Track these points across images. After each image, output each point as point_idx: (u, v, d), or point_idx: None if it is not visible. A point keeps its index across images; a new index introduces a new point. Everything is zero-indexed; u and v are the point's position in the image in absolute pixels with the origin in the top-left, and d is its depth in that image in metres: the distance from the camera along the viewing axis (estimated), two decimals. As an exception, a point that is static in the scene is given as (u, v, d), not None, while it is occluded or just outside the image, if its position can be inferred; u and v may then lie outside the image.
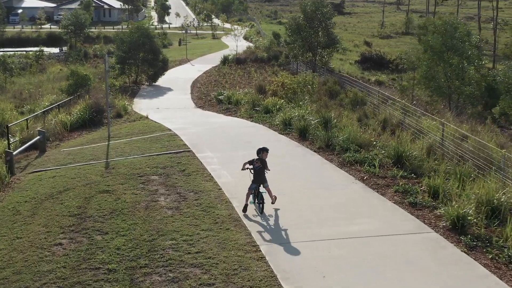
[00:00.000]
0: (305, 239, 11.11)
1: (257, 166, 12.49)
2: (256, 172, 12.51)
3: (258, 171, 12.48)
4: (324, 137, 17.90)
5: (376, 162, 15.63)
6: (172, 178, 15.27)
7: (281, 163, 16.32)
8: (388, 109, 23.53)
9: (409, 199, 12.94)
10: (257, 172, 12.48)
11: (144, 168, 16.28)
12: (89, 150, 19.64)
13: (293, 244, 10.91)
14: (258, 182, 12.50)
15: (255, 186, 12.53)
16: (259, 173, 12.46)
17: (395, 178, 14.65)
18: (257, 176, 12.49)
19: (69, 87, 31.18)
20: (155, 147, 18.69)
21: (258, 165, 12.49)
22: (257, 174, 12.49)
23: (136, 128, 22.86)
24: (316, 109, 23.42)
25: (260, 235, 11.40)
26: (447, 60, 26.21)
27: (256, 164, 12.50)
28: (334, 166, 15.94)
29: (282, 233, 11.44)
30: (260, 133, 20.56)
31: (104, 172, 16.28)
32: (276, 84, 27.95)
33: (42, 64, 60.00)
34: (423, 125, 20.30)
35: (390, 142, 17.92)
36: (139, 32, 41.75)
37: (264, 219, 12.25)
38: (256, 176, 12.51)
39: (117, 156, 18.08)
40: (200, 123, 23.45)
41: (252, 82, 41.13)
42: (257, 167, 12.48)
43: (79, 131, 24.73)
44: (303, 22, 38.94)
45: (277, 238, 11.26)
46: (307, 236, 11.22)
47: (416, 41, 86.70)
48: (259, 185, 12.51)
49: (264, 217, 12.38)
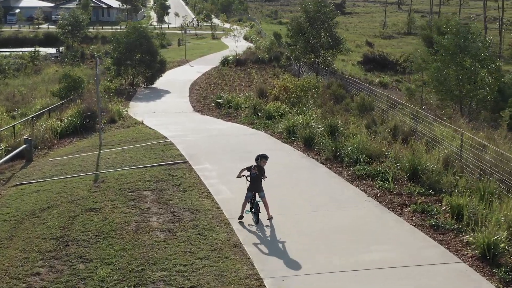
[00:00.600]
0: (314, 270, 9.75)
1: (254, 173, 11.80)
2: (252, 179, 11.82)
3: (254, 178, 11.79)
4: (331, 147, 16.54)
5: (389, 176, 14.26)
6: (166, 194, 13.91)
7: (285, 176, 14.97)
8: (397, 114, 22.17)
9: (430, 221, 11.58)
10: (254, 179, 11.80)
11: (136, 182, 14.92)
12: (78, 160, 18.27)
13: (301, 276, 9.55)
14: (254, 190, 11.83)
15: (251, 194, 11.83)
16: (255, 181, 11.80)
17: (411, 195, 13.28)
18: (253, 184, 11.82)
19: (61, 91, 29.77)
20: (149, 158, 17.33)
21: (254, 172, 11.80)
22: (253, 181, 11.82)
23: (130, 135, 21.49)
24: (321, 115, 22.06)
25: (263, 264, 10.04)
26: (460, 62, 24.83)
27: (253, 170, 11.83)
28: (344, 180, 14.57)
29: (288, 262, 10.08)
30: (262, 141, 19.19)
31: (93, 187, 14.92)
32: (278, 88, 26.57)
33: (37, 65, 58.58)
34: (436, 132, 18.97)
35: (403, 152, 16.56)
36: (136, 33, 40.34)
37: (267, 245, 10.89)
38: (252, 183, 11.83)
39: (107, 168, 16.72)
40: (198, 130, 22.08)
41: (252, 84, 39.76)
42: (253, 174, 11.80)
43: (70, 137, 23.36)
44: (305, 22, 37.52)
45: (282, 268, 9.89)
46: (317, 267, 9.86)
47: (419, 41, 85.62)
48: (255, 194, 11.84)
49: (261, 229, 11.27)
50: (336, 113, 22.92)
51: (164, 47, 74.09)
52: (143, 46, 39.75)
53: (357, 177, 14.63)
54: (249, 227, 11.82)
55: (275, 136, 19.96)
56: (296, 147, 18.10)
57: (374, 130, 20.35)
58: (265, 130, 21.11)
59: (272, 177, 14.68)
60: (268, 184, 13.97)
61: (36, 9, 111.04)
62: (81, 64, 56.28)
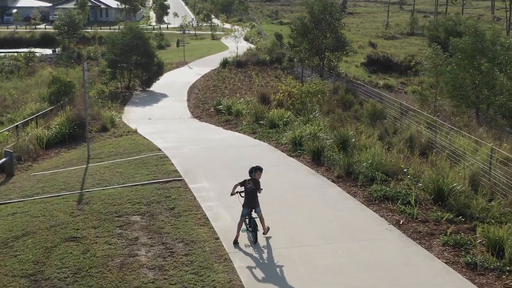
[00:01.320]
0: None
1: (249, 187, 10.83)
2: (248, 194, 10.86)
3: (250, 193, 10.83)
4: (343, 163, 14.83)
5: (412, 199, 12.56)
6: (157, 220, 12.20)
7: (293, 197, 13.27)
8: (412, 123, 20.47)
9: (465, 258, 9.87)
10: (249, 194, 10.83)
11: (124, 204, 13.21)
12: (63, 175, 16.55)
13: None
14: (249, 205, 10.85)
15: (247, 211, 10.88)
16: (251, 195, 10.84)
17: (439, 223, 11.58)
18: (249, 199, 10.85)
19: (51, 95, 28.02)
20: (140, 174, 15.60)
21: (250, 186, 10.83)
22: (248, 197, 10.86)
23: (122, 146, 19.76)
24: (329, 124, 20.37)
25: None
26: (477, 66, 23.11)
27: (248, 185, 10.86)
28: (359, 203, 12.85)
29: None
30: (266, 154, 17.47)
31: (75, 209, 13.21)
32: (282, 93, 24.83)
33: (32, 67, 56.78)
34: (456, 144, 17.26)
35: (423, 168, 14.86)
36: (132, 34, 38.58)
37: (267, 278, 9.20)
38: (248, 199, 10.87)
39: (94, 185, 15.01)
40: (196, 140, 20.35)
41: (253, 87, 38.06)
42: (249, 188, 10.83)
43: (58, 147, 21.63)
44: (309, 23, 35.75)
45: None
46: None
47: (422, 41, 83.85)
48: (251, 210, 10.87)
49: (266, 264, 9.65)
50: (344, 122, 21.22)
51: (163, 48, 72.39)
52: (139, 47, 38.01)
53: (375, 200, 12.92)
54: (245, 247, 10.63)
55: (280, 148, 18.24)
56: (303, 162, 16.39)
57: (388, 141, 18.64)
58: (268, 141, 19.40)
59: (278, 198, 13.03)
60: (273, 207, 12.33)
61: (34, 9, 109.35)
62: (76, 66, 54.48)
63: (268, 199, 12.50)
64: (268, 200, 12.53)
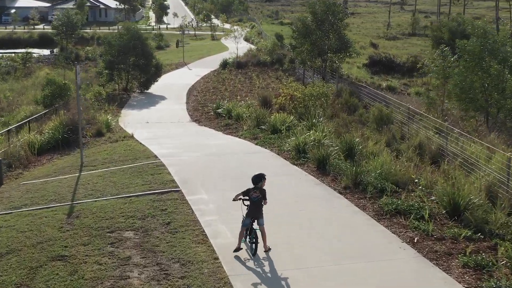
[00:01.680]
0: None
1: (255, 196, 10.16)
2: (253, 203, 10.17)
3: (256, 202, 10.16)
4: (350, 173, 13.95)
5: (425, 214, 11.69)
6: (152, 236, 11.32)
7: (297, 211, 12.40)
8: (420, 129, 19.61)
9: (489, 283, 8.97)
10: (255, 203, 10.15)
11: (116, 218, 12.33)
12: (54, 185, 15.67)
13: None
14: (253, 215, 10.17)
15: (249, 221, 10.21)
16: (256, 205, 10.17)
17: (457, 241, 10.70)
18: (253, 209, 10.17)
19: (45, 98, 27.12)
20: (135, 184, 14.72)
21: (256, 196, 10.16)
22: (253, 206, 10.17)
23: (117, 153, 18.87)
24: (334, 129, 19.49)
25: None
26: (486, 68, 22.22)
27: (254, 194, 10.19)
28: (369, 217, 11.97)
29: None
30: (268, 162, 16.58)
31: (65, 223, 12.34)
32: (284, 97, 23.94)
33: (29, 68, 55.90)
34: (468, 151, 16.41)
35: (436, 178, 13.98)
36: (129, 34, 37.68)
37: None
38: (252, 209, 10.19)
39: (86, 196, 14.13)
40: (194, 146, 19.46)
41: (254, 89, 37.20)
42: (255, 197, 10.15)
43: (50, 154, 20.74)
44: (312, 24, 34.83)
45: None
46: None
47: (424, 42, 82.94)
48: (253, 220, 10.18)
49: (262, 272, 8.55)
50: (350, 127, 20.36)
51: (162, 49, 71.55)
52: (137, 48, 37.11)
53: (385, 214, 12.04)
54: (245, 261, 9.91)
55: (283, 155, 17.35)
56: (307, 170, 15.50)
57: (395, 148, 17.77)
58: (270, 147, 18.51)
59: (281, 212, 12.15)
60: (276, 222, 11.47)
61: (32, 9, 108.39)
62: (73, 67, 53.52)
63: (271, 214, 11.65)
64: (272, 215, 11.67)
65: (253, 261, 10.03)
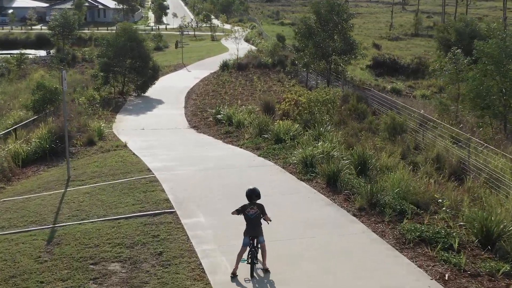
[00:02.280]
0: None
1: (253, 213, 9.35)
2: (250, 220, 9.35)
3: (254, 219, 9.35)
4: (365, 192, 12.47)
5: (455, 243, 10.20)
6: (141, 270, 9.84)
7: (306, 238, 10.91)
8: (436, 138, 18.13)
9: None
10: (253, 220, 9.34)
11: (102, 246, 10.85)
12: (36, 203, 14.19)
13: None
14: (252, 234, 9.33)
15: (249, 240, 9.35)
16: (255, 222, 9.36)
17: (494, 277, 9.23)
18: (252, 227, 9.35)
19: (35, 103, 25.63)
20: (125, 203, 13.23)
21: (254, 212, 9.35)
22: (252, 224, 9.36)
23: (108, 165, 17.37)
24: (343, 139, 18.01)
25: None
26: (505, 72, 20.75)
27: (251, 210, 9.37)
28: (390, 247, 10.48)
29: None
30: (273, 178, 15.08)
31: (44, 251, 10.87)
32: (288, 102, 22.45)
33: (24, 69, 54.37)
34: (492, 165, 14.95)
35: (462, 198, 12.51)
36: (126, 36, 36.16)
37: None
38: (250, 227, 9.37)
39: (69, 218, 12.65)
40: (192, 158, 17.94)
41: (255, 92, 35.73)
42: (252, 214, 9.34)
43: (37, 165, 19.24)
44: (315, 24, 33.30)
45: None
46: None
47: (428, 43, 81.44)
48: (252, 239, 9.37)
49: None
50: (360, 136, 18.89)
51: (161, 50, 70.10)
52: (134, 50, 35.58)
53: (408, 242, 10.55)
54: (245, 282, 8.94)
55: (288, 169, 15.84)
56: (316, 187, 14.01)
57: (411, 161, 16.28)
58: (274, 159, 17.01)
59: (289, 239, 10.68)
60: (284, 252, 10.00)
61: (30, 10, 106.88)
62: (69, 69, 52.08)
63: (279, 242, 10.29)
64: (279, 244, 10.28)
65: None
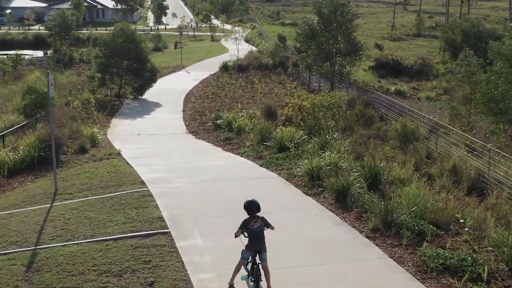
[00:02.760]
0: None
1: (257, 227, 8.80)
2: (255, 235, 8.77)
3: (258, 233, 8.80)
4: (379, 210, 11.31)
5: (483, 272, 9.05)
6: (129, 304, 8.69)
7: (314, 265, 9.74)
8: (449, 146, 16.97)
9: None
10: (257, 234, 8.77)
11: (87, 274, 9.69)
12: (19, 219, 13.02)
13: None
14: (255, 249, 8.81)
15: (249, 254, 8.85)
16: (260, 237, 8.81)
17: (532, 316, 8.08)
18: (257, 241, 8.78)
19: (26, 108, 24.47)
20: (115, 222, 12.06)
21: (258, 226, 8.80)
22: (256, 238, 8.78)
23: (99, 176, 16.20)
24: (351, 148, 16.84)
25: None
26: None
27: (255, 224, 8.81)
28: (410, 276, 9.31)
29: None
30: (277, 191, 13.92)
31: (21, 280, 9.72)
32: (291, 107, 21.29)
33: (19, 71, 53.17)
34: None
35: (485, 216, 11.35)
36: (123, 36, 34.98)
37: None
38: (255, 242, 8.79)
39: (53, 239, 11.49)
40: (189, 168, 16.75)
41: (256, 95, 34.56)
42: (257, 228, 8.79)
43: (24, 175, 18.05)
44: (318, 25, 32.12)
45: None
46: None
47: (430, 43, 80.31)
48: (255, 254, 8.85)
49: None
50: (368, 144, 17.72)
51: (160, 50, 68.97)
52: (131, 51, 34.41)
53: (431, 271, 9.39)
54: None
55: (293, 181, 14.68)
56: (324, 203, 12.85)
57: (425, 172, 15.12)
58: (278, 170, 15.84)
59: (296, 267, 9.52)
60: (291, 282, 8.83)
61: (28, 10, 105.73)
62: (65, 70, 50.93)
63: (284, 270, 9.15)
64: (285, 272, 9.15)
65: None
